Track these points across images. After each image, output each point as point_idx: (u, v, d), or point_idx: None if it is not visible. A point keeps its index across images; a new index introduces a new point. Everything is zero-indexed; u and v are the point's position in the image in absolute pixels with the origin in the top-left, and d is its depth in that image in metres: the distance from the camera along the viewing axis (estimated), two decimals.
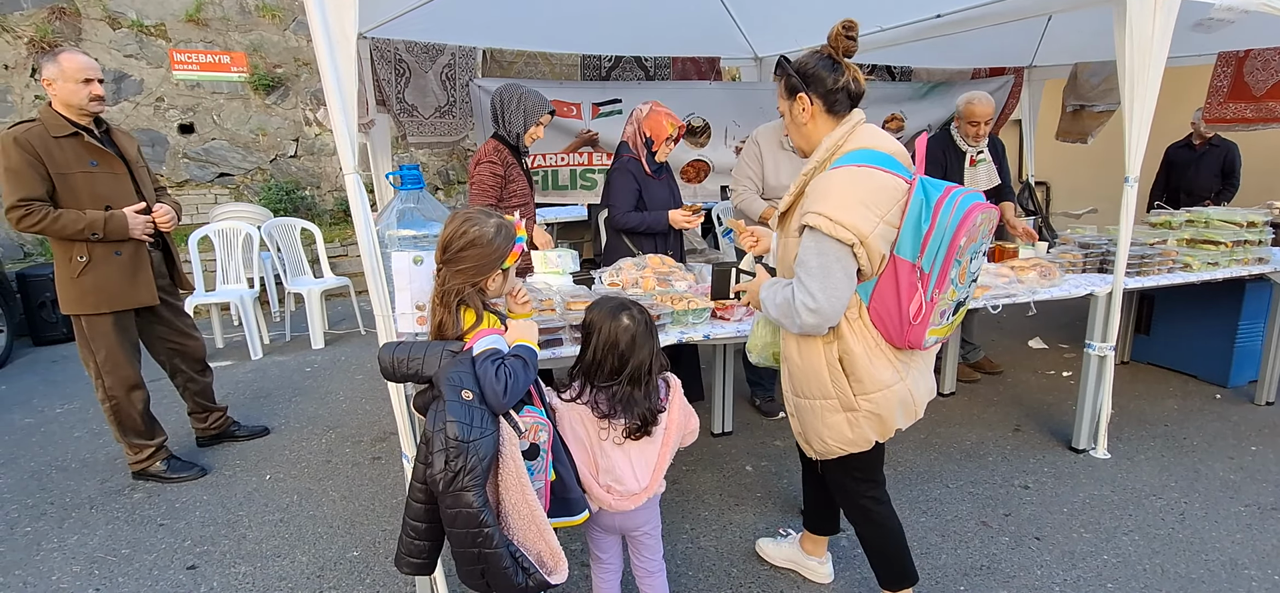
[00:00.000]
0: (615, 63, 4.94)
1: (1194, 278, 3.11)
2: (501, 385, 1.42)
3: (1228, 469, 2.87)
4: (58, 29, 6.32)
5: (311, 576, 2.27)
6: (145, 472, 2.92)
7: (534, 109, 2.89)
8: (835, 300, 1.48)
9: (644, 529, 1.79)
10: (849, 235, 1.44)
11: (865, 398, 1.57)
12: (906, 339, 1.52)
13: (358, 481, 2.91)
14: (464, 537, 1.39)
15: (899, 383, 1.59)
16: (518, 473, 1.43)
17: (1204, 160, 4.68)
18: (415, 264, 1.93)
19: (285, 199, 7.03)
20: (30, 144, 2.54)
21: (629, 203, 3.01)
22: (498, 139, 2.94)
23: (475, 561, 1.40)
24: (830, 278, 1.46)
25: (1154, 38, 2.54)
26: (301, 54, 7.27)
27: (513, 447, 1.44)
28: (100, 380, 2.77)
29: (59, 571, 2.33)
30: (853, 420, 1.61)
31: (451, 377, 1.41)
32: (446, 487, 1.35)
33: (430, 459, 1.37)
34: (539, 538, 1.45)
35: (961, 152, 3.60)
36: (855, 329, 1.54)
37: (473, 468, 1.35)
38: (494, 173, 2.85)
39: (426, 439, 1.42)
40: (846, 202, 1.44)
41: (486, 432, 1.39)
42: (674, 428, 1.70)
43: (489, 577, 1.42)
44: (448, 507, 1.38)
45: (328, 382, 4.18)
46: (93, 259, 2.65)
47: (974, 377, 3.97)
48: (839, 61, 1.57)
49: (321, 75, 1.71)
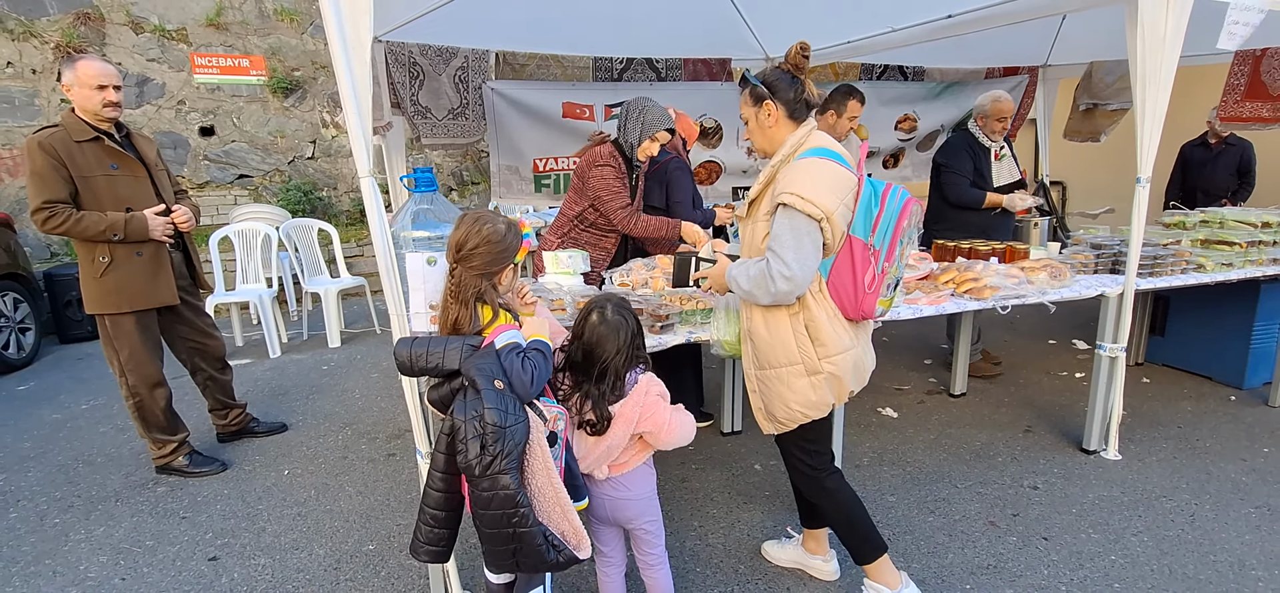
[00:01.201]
0: (627, 64, 4.97)
1: (1207, 279, 3.08)
2: (528, 376, 1.51)
3: (1239, 471, 2.84)
4: (83, 34, 6.47)
5: (329, 568, 2.33)
6: (168, 466, 3.00)
7: (651, 124, 2.89)
8: (806, 269, 1.68)
9: (639, 523, 1.82)
10: (818, 212, 1.64)
11: (828, 360, 1.78)
12: (860, 308, 1.77)
13: (373, 476, 2.97)
14: (499, 518, 1.46)
15: (854, 348, 1.83)
16: (544, 458, 1.51)
17: (1220, 160, 4.63)
18: (429, 265, 1.98)
19: (303, 200, 7.15)
20: (54, 148, 2.62)
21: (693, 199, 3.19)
22: (615, 146, 2.99)
23: (509, 541, 1.48)
24: (802, 249, 1.67)
25: (1166, 36, 2.52)
26: (319, 57, 7.38)
27: (539, 433, 1.52)
28: (124, 378, 2.86)
29: (86, 560, 2.41)
30: (816, 383, 1.80)
31: (483, 368, 1.48)
32: (483, 472, 1.43)
33: (463, 447, 1.43)
34: (563, 518, 1.52)
35: (985, 147, 3.69)
36: (818, 300, 1.77)
37: (509, 452, 1.43)
38: (617, 176, 2.91)
39: (453, 429, 1.48)
40: (815, 185, 1.66)
41: (520, 419, 1.47)
42: (621, 419, 1.69)
43: (520, 556, 1.50)
44: (483, 490, 1.45)
45: (344, 380, 4.25)
46: (115, 260, 2.73)
47: (986, 373, 3.98)
48: (797, 76, 1.79)
49: (337, 80, 1.76)
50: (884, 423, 3.40)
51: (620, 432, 1.69)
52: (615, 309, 1.71)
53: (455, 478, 1.60)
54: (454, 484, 1.60)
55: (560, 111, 4.66)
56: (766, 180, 1.78)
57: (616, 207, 2.89)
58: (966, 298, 2.61)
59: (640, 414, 1.69)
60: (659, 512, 1.87)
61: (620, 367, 1.68)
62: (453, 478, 1.59)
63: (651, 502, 1.83)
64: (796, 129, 1.80)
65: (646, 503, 1.82)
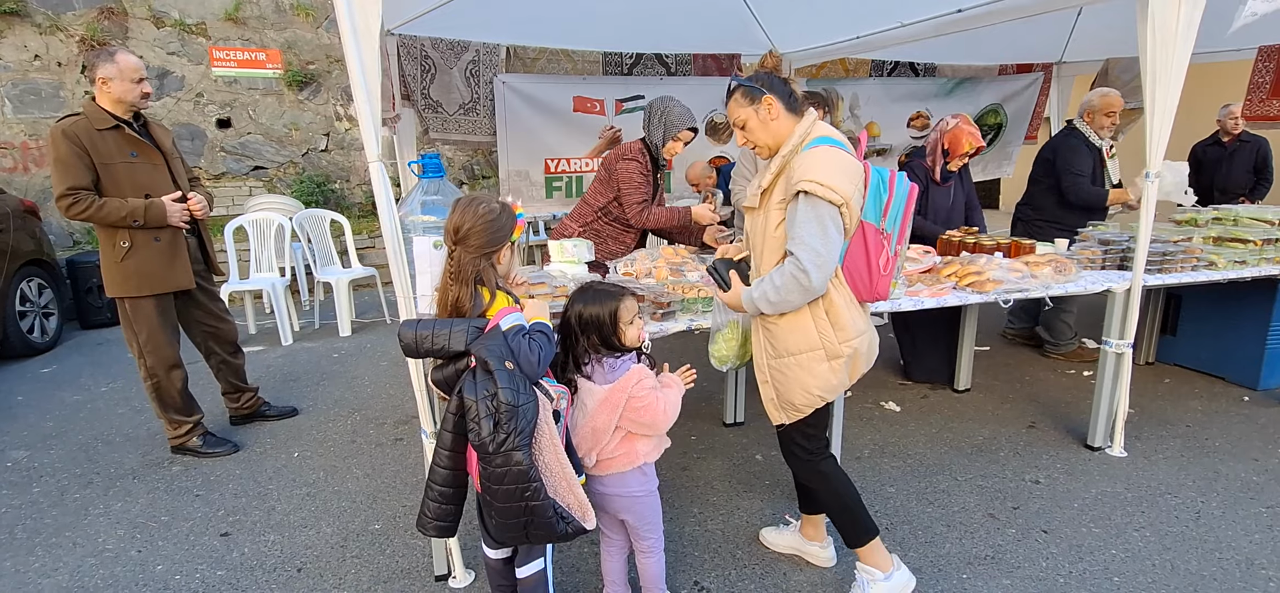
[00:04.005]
0: (637, 60, 5.00)
1: (1219, 276, 3.05)
2: (535, 356, 1.56)
3: (1250, 472, 2.81)
4: (106, 28, 6.62)
5: (336, 546, 2.39)
6: (183, 446, 3.08)
7: (674, 123, 2.97)
8: (833, 254, 1.70)
9: (629, 517, 1.83)
10: (837, 197, 1.67)
11: (847, 343, 1.82)
12: (875, 291, 1.82)
13: (380, 460, 3.03)
14: (512, 493, 1.51)
15: (868, 329, 1.89)
16: (551, 434, 1.56)
17: (1236, 157, 4.56)
18: (435, 248, 2.03)
19: (316, 192, 7.26)
20: (76, 136, 2.71)
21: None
22: (644, 143, 3.06)
23: (521, 514, 1.53)
24: (827, 235, 1.69)
25: (1177, 31, 2.49)
26: (333, 51, 7.49)
27: (546, 411, 1.57)
28: (143, 360, 2.94)
29: (104, 534, 2.49)
30: (836, 367, 1.83)
31: (493, 348, 1.52)
32: (497, 448, 1.48)
33: (475, 426, 1.48)
34: (568, 492, 1.58)
35: (1097, 145, 3.72)
36: (836, 286, 1.80)
37: (522, 429, 1.48)
38: (641, 172, 2.99)
39: (462, 409, 1.54)
40: (831, 171, 1.68)
41: (531, 397, 1.52)
42: (607, 404, 1.70)
43: (531, 529, 1.55)
44: (496, 467, 1.50)
45: (354, 367, 4.33)
46: (134, 245, 2.81)
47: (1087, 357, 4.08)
48: (781, 76, 1.84)
49: (347, 66, 1.82)
50: (886, 417, 3.40)
51: (604, 417, 1.70)
52: (588, 290, 1.78)
53: (462, 456, 1.65)
54: (460, 462, 1.65)
55: (571, 106, 4.70)
56: (778, 169, 1.79)
57: (633, 201, 3.00)
58: (968, 291, 2.61)
59: (627, 403, 1.70)
60: (654, 511, 1.86)
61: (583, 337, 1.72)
62: (459, 456, 1.64)
63: (640, 501, 1.81)
64: (799, 120, 1.81)
65: (635, 502, 1.81)
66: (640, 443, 1.78)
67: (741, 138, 1.88)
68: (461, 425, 1.56)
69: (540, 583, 1.80)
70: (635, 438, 1.77)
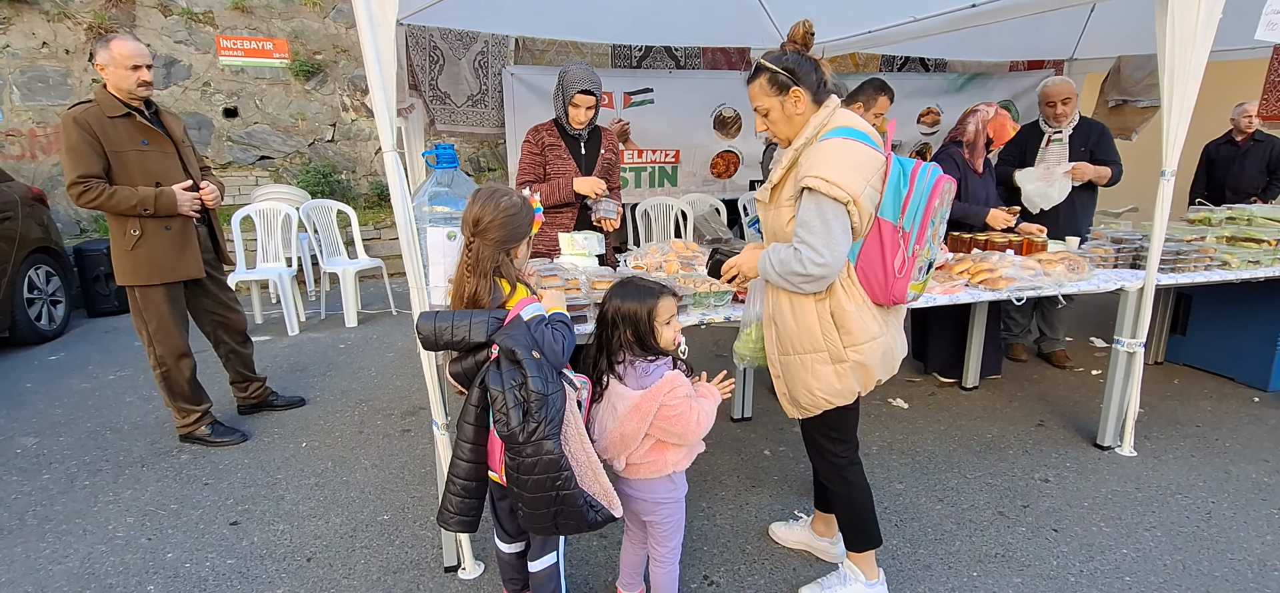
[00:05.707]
0: (646, 52, 4.98)
1: (1232, 276, 3.03)
2: (559, 346, 1.56)
3: (1262, 472, 2.80)
4: (114, 16, 6.61)
5: (345, 535, 2.39)
6: (191, 435, 3.09)
7: (569, 87, 2.83)
8: (838, 254, 1.63)
9: (654, 517, 1.80)
10: (844, 194, 1.60)
11: (853, 349, 1.74)
12: (891, 294, 1.70)
13: (388, 451, 3.03)
14: (543, 483, 1.50)
15: (883, 335, 1.77)
16: (577, 425, 1.56)
17: (1249, 157, 4.52)
18: (449, 239, 2.02)
19: (322, 182, 7.25)
20: (88, 123, 2.69)
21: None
22: (553, 121, 2.99)
23: (552, 503, 1.52)
24: (831, 234, 1.62)
25: (1197, 28, 2.47)
26: (340, 41, 7.47)
27: (571, 401, 1.57)
28: (152, 348, 2.94)
29: (114, 522, 2.50)
30: (840, 371, 1.76)
31: (519, 338, 1.51)
32: (527, 438, 1.47)
33: (503, 416, 1.47)
34: (594, 481, 1.58)
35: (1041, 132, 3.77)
36: (846, 288, 1.72)
37: (552, 419, 1.48)
38: (532, 152, 2.96)
39: (485, 401, 1.53)
40: (840, 166, 1.61)
41: (558, 387, 1.52)
42: (637, 412, 1.67)
43: (561, 518, 1.54)
44: (527, 457, 1.49)
45: (360, 358, 4.33)
46: (145, 233, 2.81)
47: (1062, 362, 4.06)
48: (812, 57, 1.74)
49: (363, 54, 1.80)
50: (894, 414, 3.39)
51: (633, 424, 1.66)
52: (614, 290, 1.74)
53: (483, 449, 1.64)
54: (481, 455, 1.64)
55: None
56: (789, 163, 1.73)
57: (519, 182, 3.01)
58: (981, 288, 2.60)
59: (659, 410, 1.65)
60: (677, 521, 1.82)
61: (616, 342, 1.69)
62: (480, 449, 1.63)
63: (664, 507, 1.78)
64: (819, 111, 1.73)
65: (660, 508, 1.78)
66: (670, 452, 1.73)
67: (761, 124, 1.80)
68: (483, 418, 1.56)
69: (552, 576, 1.80)
70: (666, 447, 1.73)
